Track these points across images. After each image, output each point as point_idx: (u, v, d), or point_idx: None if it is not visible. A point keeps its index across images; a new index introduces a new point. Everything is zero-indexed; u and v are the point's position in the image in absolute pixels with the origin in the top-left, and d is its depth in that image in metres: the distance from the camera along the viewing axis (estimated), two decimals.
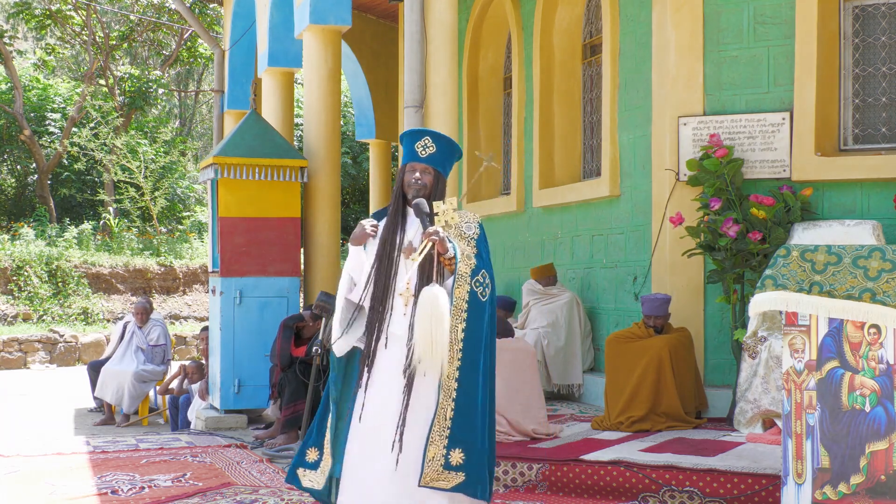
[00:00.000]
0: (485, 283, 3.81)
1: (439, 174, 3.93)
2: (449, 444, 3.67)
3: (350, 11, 8.41)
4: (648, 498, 4.93)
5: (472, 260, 3.81)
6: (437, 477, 3.66)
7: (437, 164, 3.91)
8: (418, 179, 3.87)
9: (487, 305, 3.82)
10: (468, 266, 3.79)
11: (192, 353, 14.69)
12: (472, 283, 3.79)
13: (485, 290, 3.81)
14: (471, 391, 3.73)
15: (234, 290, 7.75)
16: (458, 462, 3.66)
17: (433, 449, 3.66)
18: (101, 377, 9.16)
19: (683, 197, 6.69)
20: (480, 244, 3.88)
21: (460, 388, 3.71)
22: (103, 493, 5.40)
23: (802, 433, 3.93)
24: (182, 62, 23.29)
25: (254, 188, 7.78)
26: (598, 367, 7.80)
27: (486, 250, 3.91)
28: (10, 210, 20.67)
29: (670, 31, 6.81)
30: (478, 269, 3.81)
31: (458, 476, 3.66)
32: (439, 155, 3.93)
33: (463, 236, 3.86)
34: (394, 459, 3.70)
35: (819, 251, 3.99)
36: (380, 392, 3.80)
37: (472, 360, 3.77)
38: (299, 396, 6.79)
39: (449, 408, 3.70)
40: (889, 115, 6.54)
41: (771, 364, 5.71)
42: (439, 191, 3.93)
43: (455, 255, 3.76)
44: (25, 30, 25.67)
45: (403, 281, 3.81)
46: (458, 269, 3.77)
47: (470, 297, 3.78)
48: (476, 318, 3.78)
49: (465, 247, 3.83)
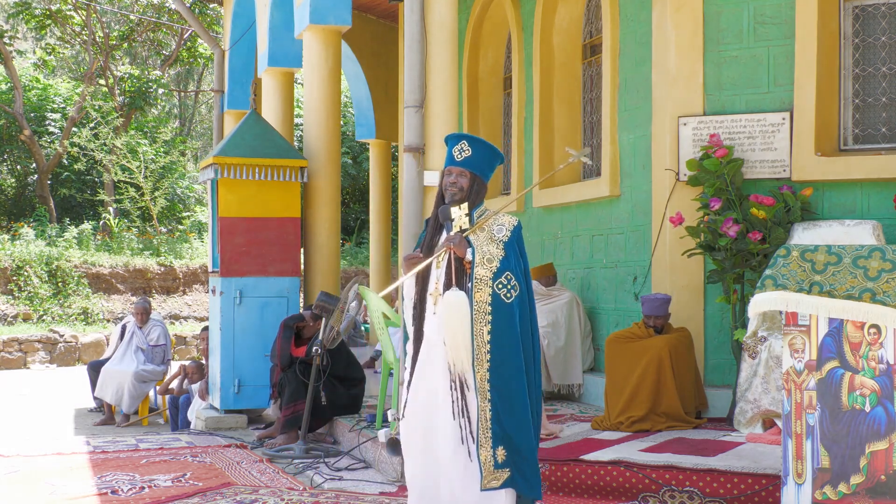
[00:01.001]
0: (510, 286, 3.88)
1: (476, 177, 4.01)
2: (493, 444, 3.82)
3: (350, 11, 8.41)
4: (648, 498, 4.93)
5: (495, 263, 3.87)
6: (492, 478, 3.82)
7: (473, 168, 4.00)
8: (454, 183, 3.99)
9: (516, 306, 3.89)
10: (489, 270, 3.86)
11: (192, 353, 14.69)
12: (493, 285, 3.86)
13: (510, 291, 3.87)
14: (505, 391, 3.84)
15: (234, 290, 7.75)
16: (503, 459, 3.81)
17: (484, 452, 3.82)
18: (101, 377, 9.16)
19: (683, 197, 6.69)
20: (509, 247, 3.94)
21: (493, 390, 3.83)
22: (103, 493, 5.40)
23: (802, 433, 3.93)
24: (182, 62, 23.29)
25: (254, 188, 7.78)
26: (598, 367, 7.80)
27: (515, 253, 3.95)
28: (10, 210, 20.67)
29: (670, 31, 6.81)
30: (500, 272, 3.87)
31: (504, 473, 3.81)
32: (476, 158, 4.01)
33: (493, 239, 3.94)
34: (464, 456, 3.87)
35: (819, 251, 3.99)
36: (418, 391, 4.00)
37: (504, 361, 3.86)
38: (299, 396, 6.79)
39: (487, 409, 3.83)
40: (889, 115, 6.54)
41: (771, 364, 5.71)
42: (475, 194, 4.02)
43: (472, 260, 3.85)
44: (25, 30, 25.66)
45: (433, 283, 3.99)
46: (475, 273, 3.85)
47: (493, 300, 3.86)
48: (503, 319, 3.86)
49: (492, 250, 3.90)
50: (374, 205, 13.88)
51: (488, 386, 3.82)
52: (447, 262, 3.91)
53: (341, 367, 6.95)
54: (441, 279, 3.95)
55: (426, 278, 4.03)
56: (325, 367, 6.71)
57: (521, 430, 3.85)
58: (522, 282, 3.93)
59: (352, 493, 5.31)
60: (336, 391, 6.88)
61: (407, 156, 6.54)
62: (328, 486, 5.49)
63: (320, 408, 6.78)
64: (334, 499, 5.20)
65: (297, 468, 6.08)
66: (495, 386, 3.82)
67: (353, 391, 7.03)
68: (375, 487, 5.43)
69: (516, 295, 3.88)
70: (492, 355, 3.83)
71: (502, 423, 3.82)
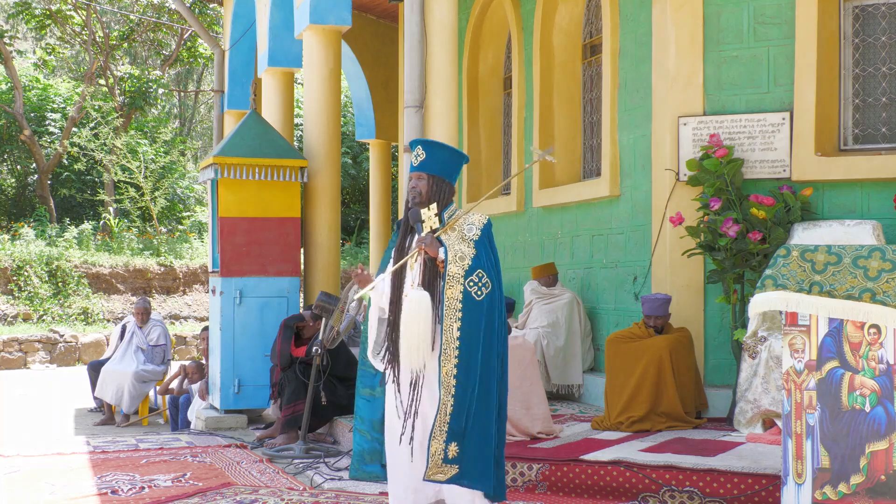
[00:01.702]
0: (481, 283, 3.93)
1: (436, 178, 4.09)
2: (447, 439, 3.86)
3: (350, 11, 8.41)
4: (648, 498, 4.93)
5: (467, 261, 3.92)
6: (438, 470, 3.86)
7: (429, 170, 4.09)
8: (413, 188, 4.10)
9: (485, 304, 3.93)
10: (461, 267, 3.91)
11: (192, 353, 14.69)
12: (465, 283, 3.91)
13: (480, 289, 3.92)
14: (468, 387, 3.88)
15: (234, 290, 7.75)
16: (454, 455, 3.85)
17: (435, 444, 3.86)
18: (101, 377, 9.16)
19: (683, 197, 6.69)
20: (480, 245, 3.99)
21: (458, 385, 3.88)
22: (103, 493, 5.40)
23: (802, 433, 3.93)
24: (182, 62, 23.29)
25: (254, 188, 7.78)
26: (598, 367, 7.80)
27: (486, 251, 4.00)
28: (10, 210, 20.67)
29: (670, 30, 6.81)
30: (472, 270, 3.93)
31: (453, 469, 3.85)
32: (431, 161, 4.09)
33: (464, 238, 3.99)
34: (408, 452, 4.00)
35: (819, 251, 4.00)
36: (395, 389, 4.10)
37: (471, 358, 3.90)
38: (299, 396, 6.79)
39: (448, 404, 3.88)
40: (889, 115, 6.54)
41: (771, 364, 5.71)
42: (439, 194, 4.09)
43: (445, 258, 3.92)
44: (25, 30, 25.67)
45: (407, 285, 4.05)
46: (448, 270, 3.91)
47: (464, 297, 3.90)
48: (472, 316, 3.90)
49: (464, 248, 3.95)
50: (374, 205, 13.88)
51: (454, 381, 3.87)
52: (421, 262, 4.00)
53: (341, 367, 6.96)
54: (416, 281, 4.01)
55: (401, 281, 4.09)
56: (325, 367, 6.71)
57: (481, 429, 3.88)
58: (494, 279, 3.98)
59: (352, 493, 5.31)
60: (336, 391, 6.88)
61: (407, 156, 6.54)
62: (328, 486, 5.49)
63: (320, 408, 6.78)
64: (334, 499, 5.20)
65: (297, 468, 6.08)
66: (461, 382, 3.87)
67: (352, 391, 7.02)
68: (375, 487, 5.43)
69: (487, 293, 3.93)
70: (460, 351, 3.88)
71: (461, 419, 3.86)
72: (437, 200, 4.07)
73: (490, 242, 4.05)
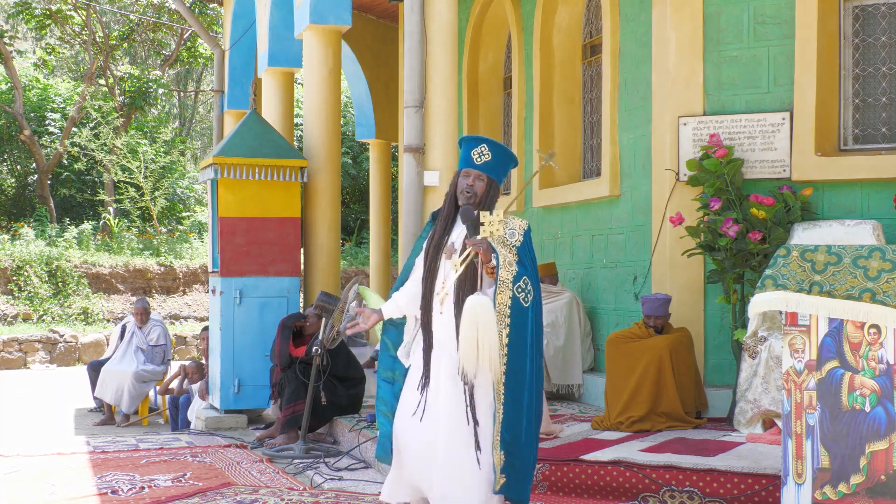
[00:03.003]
0: (527, 290, 3.87)
1: (492, 182, 4.00)
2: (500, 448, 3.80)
3: (350, 11, 8.41)
4: (648, 498, 4.93)
5: (514, 267, 3.86)
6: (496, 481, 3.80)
7: (491, 172, 3.98)
8: (471, 186, 3.97)
9: (530, 311, 3.88)
10: (510, 273, 3.84)
11: (192, 353, 14.70)
12: (514, 289, 3.84)
13: (527, 295, 3.87)
14: (516, 396, 3.83)
15: (234, 290, 7.75)
16: (501, 464, 3.79)
17: (495, 455, 3.80)
18: (101, 377, 9.17)
19: (683, 197, 6.69)
20: (522, 251, 3.93)
21: (507, 393, 3.82)
22: (103, 493, 5.40)
23: (802, 433, 3.93)
24: (182, 62, 23.29)
25: (254, 188, 7.78)
26: (598, 367, 7.80)
27: (528, 257, 3.95)
28: (10, 210, 20.67)
29: (670, 31, 6.81)
30: (519, 276, 3.86)
31: (502, 478, 3.79)
32: (494, 162, 3.99)
33: (505, 244, 3.92)
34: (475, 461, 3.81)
35: (819, 251, 3.99)
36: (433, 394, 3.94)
37: (518, 366, 3.85)
38: (299, 396, 6.79)
39: (500, 412, 3.81)
40: (889, 115, 6.54)
41: (771, 364, 5.71)
42: (491, 198, 4.01)
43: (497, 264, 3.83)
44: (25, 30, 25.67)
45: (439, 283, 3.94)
46: (499, 275, 3.82)
47: (512, 303, 3.84)
48: (520, 323, 3.85)
49: (506, 254, 3.89)
50: (374, 205, 13.88)
51: (503, 389, 3.80)
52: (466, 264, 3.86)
53: (341, 366, 6.96)
54: (449, 279, 3.88)
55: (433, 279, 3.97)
56: (325, 367, 6.71)
57: (525, 437, 3.84)
58: (535, 286, 3.93)
59: (352, 493, 5.31)
60: (336, 391, 6.88)
61: (407, 156, 6.54)
62: (328, 486, 5.49)
63: (320, 408, 6.78)
64: (334, 499, 5.20)
65: (297, 468, 6.09)
66: (509, 390, 3.81)
67: (353, 391, 7.03)
68: (375, 487, 5.43)
69: (532, 299, 3.88)
70: (508, 359, 3.81)
71: (509, 428, 3.81)
72: (486, 203, 3.98)
73: (530, 248, 3.98)
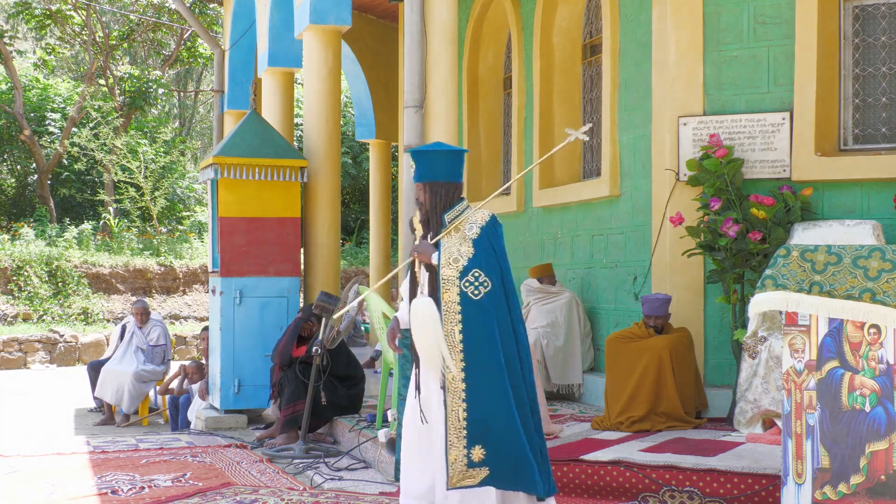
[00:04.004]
0: (478, 282, 3.87)
1: (432, 184, 4.05)
2: (469, 444, 3.80)
3: (350, 11, 8.41)
4: (648, 498, 4.93)
5: (462, 262, 3.88)
6: (463, 476, 3.80)
7: (423, 178, 4.07)
8: (417, 199, 4.12)
9: (485, 303, 3.87)
10: (455, 269, 3.87)
11: (192, 353, 14.70)
12: (461, 284, 3.86)
13: (478, 288, 3.87)
14: (483, 389, 3.82)
15: (234, 290, 7.75)
16: (480, 458, 3.79)
17: (454, 452, 3.81)
18: (101, 377, 9.16)
19: (683, 197, 6.69)
20: (478, 244, 3.92)
21: (470, 388, 3.82)
22: (103, 493, 5.40)
23: (802, 433, 3.93)
24: (182, 62, 23.29)
25: (254, 188, 7.78)
26: (598, 367, 7.80)
27: (484, 250, 3.93)
28: (10, 210, 20.67)
29: (670, 31, 6.81)
30: (467, 270, 3.87)
31: (483, 471, 3.80)
32: (424, 169, 4.07)
33: (465, 239, 3.94)
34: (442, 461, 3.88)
35: (819, 251, 3.99)
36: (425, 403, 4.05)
37: (481, 359, 3.84)
38: (299, 396, 6.79)
39: (460, 409, 3.82)
40: (889, 115, 6.54)
41: (771, 364, 5.71)
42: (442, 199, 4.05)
43: (438, 263, 3.90)
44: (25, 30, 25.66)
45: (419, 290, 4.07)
46: (441, 274, 3.87)
47: (461, 299, 3.86)
48: (474, 316, 3.85)
49: (463, 249, 3.91)
50: (374, 205, 13.88)
51: (463, 385, 3.81)
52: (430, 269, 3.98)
53: (341, 366, 6.96)
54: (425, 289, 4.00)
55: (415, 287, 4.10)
56: (325, 367, 6.71)
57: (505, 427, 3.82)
58: (496, 277, 3.91)
59: (352, 493, 5.31)
60: (336, 391, 6.88)
61: (407, 156, 6.54)
62: (328, 486, 5.49)
63: (320, 408, 6.78)
64: (334, 499, 5.20)
65: (297, 468, 6.09)
66: (472, 384, 3.82)
67: (353, 391, 7.03)
68: (375, 487, 5.43)
69: (486, 291, 3.86)
70: (465, 353, 3.83)
71: (480, 421, 3.80)
72: (439, 205, 4.02)
73: (491, 239, 3.96)
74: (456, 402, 3.82)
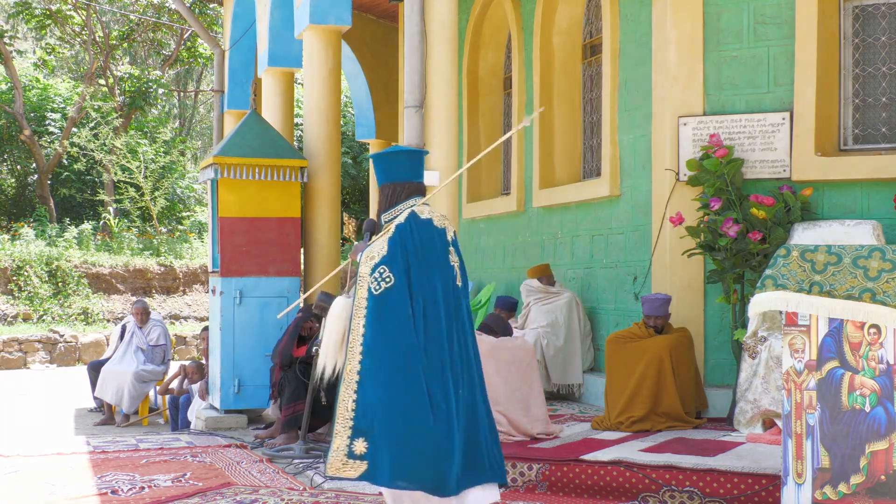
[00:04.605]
0: (382, 278, 3.91)
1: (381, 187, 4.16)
2: (352, 435, 3.81)
3: (350, 11, 8.41)
4: (648, 498, 4.93)
5: (375, 259, 3.95)
6: (343, 466, 3.81)
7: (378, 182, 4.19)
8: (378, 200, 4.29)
9: (385, 298, 3.88)
10: (368, 267, 3.95)
11: (192, 353, 14.69)
12: (370, 280, 3.93)
13: (379, 284, 3.91)
14: (377, 383, 3.83)
15: (234, 290, 7.74)
16: (362, 451, 3.79)
17: (337, 440, 3.84)
18: (101, 377, 9.16)
19: (683, 197, 6.69)
20: (391, 242, 3.95)
21: (363, 381, 3.86)
22: (103, 493, 5.40)
23: (802, 433, 3.93)
24: (182, 62, 23.29)
25: (254, 188, 7.78)
26: (598, 367, 7.80)
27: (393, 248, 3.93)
28: (10, 210, 20.67)
29: (670, 31, 6.81)
30: (375, 267, 3.93)
31: (362, 465, 3.78)
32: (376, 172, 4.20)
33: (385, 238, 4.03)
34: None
35: (819, 251, 4.00)
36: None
37: (381, 351, 3.86)
38: (299, 396, 6.79)
39: (350, 399, 3.87)
40: (889, 115, 6.54)
41: (771, 364, 5.71)
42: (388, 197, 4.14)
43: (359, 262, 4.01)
44: (25, 30, 25.68)
45: None
46: (359, 271, 3.97)
47: (368, 294, 3.92)
48: (373, 309, 3.89)
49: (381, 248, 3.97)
50: (375, 205, 13.87)
51: (357, 378, 3.86)
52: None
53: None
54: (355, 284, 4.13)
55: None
56: None
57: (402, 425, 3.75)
58: (402, 274, 3.88)
59: (352, 493, 5.31)
60: (336, 391, 6.86)
61: None
62: (328, 486, 5.49)
63: (320, 408, 6.78)
64: (334, 499, 5.20)
65: (297, 468, 6.08)
66: (367, 378, 3.84)
67: None
68: (375, 487, 5.42)
69: (387, 286, 3.88)
70: (365, 348, 3.87)
71: (368, 415, 3.79)
72: (381, 206, 4.12)
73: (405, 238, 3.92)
74: (348, 392, 3.86)
